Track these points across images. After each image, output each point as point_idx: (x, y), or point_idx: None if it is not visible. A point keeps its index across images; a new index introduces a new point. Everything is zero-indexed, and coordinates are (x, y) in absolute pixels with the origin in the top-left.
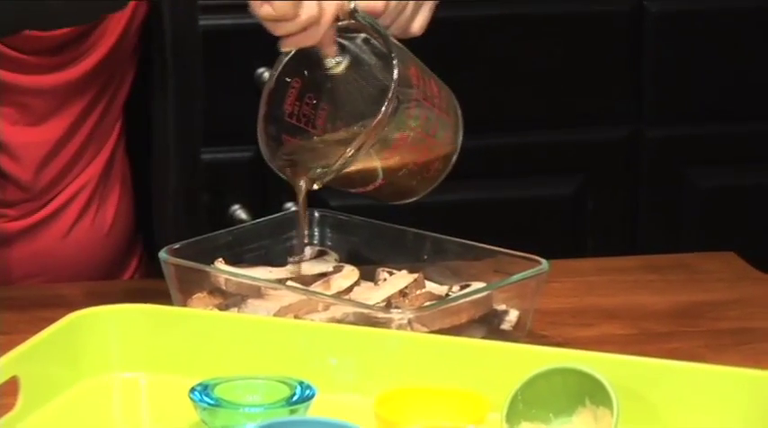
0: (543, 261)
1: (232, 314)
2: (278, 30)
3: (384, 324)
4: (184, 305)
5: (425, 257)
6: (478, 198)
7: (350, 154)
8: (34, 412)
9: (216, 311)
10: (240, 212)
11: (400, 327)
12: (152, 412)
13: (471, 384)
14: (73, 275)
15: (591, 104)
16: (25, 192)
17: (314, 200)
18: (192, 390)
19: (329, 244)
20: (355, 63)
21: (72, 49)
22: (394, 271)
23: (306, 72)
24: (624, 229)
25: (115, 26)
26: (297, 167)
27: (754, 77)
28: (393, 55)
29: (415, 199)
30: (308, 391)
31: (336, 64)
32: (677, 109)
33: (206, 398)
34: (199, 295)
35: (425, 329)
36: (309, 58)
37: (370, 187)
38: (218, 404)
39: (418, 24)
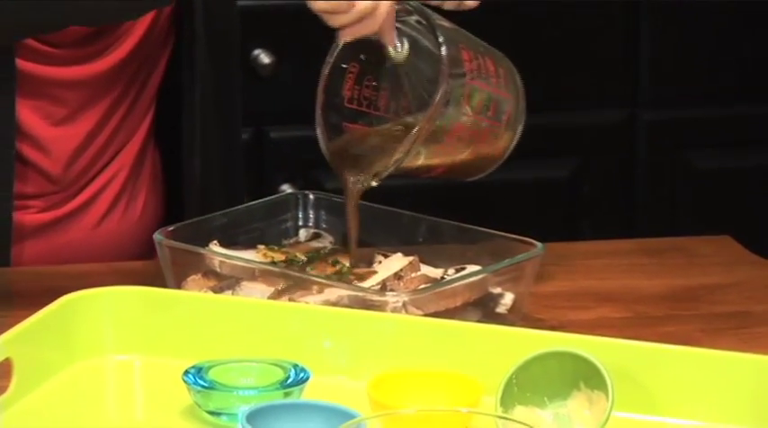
0: (539, 244)
1: (226, 296)
2: (334, 21)
3: (379, 307)
4: (179, 287)
5: (420, 240)
6: (474, 181)
7: (402, 153)
8: (27, 394)
9: (210, 293)
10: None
11: (395, 310)
12: (146, 394)
13: (466, 367)
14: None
15: (586, 87)
16: (54, 185)
17: (309, 181)
18: (186, 373)
19: (324, 226)
20: (411, 45)
21: (102, 39)
22: (389, 253)
23: (362, 56)
24: (620, 213)
25: (145, 15)
26: (352, 164)
27: (749, 59)
28: (441, 42)
29: (483, 175)
30: (302, 374)
31: (398, 52)
32: (673, 92)
33: (200, 381)
34: (193, 277)
35: (420, 312)
36: (364, 41)
37: (432, 173)
38: (211, 386)
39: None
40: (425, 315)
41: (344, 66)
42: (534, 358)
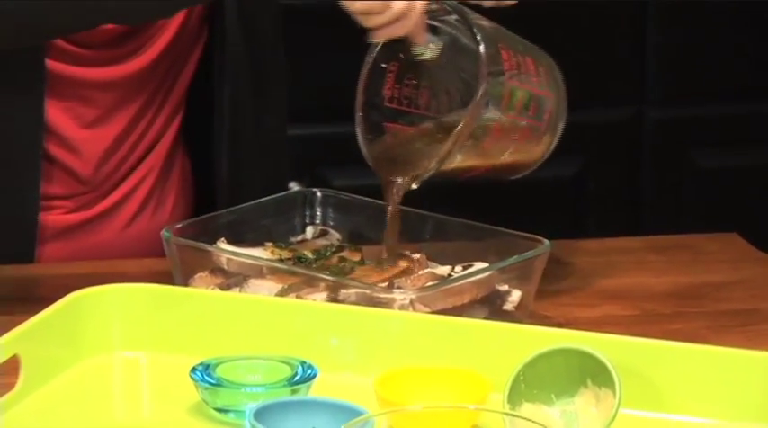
0: (546, 241)
1: (234, 293)
2: (369, 22)
3: (386, 304)
4: (186, 284)
5: (428, 237)
6: (481, 178)
7: (443, 155)
8: (35, 391)
9: (217, 291)
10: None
11: (402, 307)
12: (153, 391)
13: (473, 364)
14: None
15: (593, 85)
16: (84, 186)
17: (316, 179)
18: (194, 370)
19: (331, 223)
20: (451, 44)
21: (133, 40)
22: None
23: (401, 54)
24: (626, 210)
25: (177, 15)
26: (392, 166)
27: (756, 58)
28: (479, 40)
29: (525, 173)
30: (309, 371)
31: (428, 50)
32: (679, 90)
33: (207, 378)
34: (201, 274)
35: (427, 309)
36: (403, 40)
37: (473, 174)
38: (219, 383)
39: None
40: (432, 312)
41: (384, 65)
42: (541, 355)
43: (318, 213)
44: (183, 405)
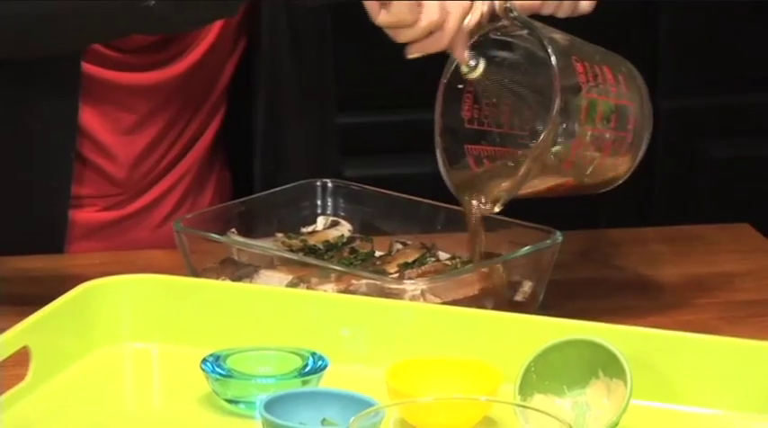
0: (557, 232)
1: (244, 284)
2: (399, 37)
3: (397, 294)
4: (197, 275)
5: (439, 228)
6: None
7: (520, 177)
8: (45, 382)
9: (228, 282)
10: None
11: (413, 298)
12: (163, 382)
13: (484, 355)
14: None
15: None
16: (118, 188)
17: (328, 170)
18: (204, 361)
19: (342, 214)
20: (528, 57)
21: (171, 47)
22: (407, 241)
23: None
24: (638, 201)
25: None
26: (473, 189)
27: None
28: (551, 54)
29: (615, 185)
30: (320, 362)
31: (471, 69)
32: (692, 80)
33: (218, 369)
34: (212, 265)
35: (438, 300)
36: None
37: (561, 190)
38: (230, 375)
39: (587, 2)
40: (443, 303)
41: (461, 86)
42: (553, 346)
43: (330, 204)
44: (194, 397)
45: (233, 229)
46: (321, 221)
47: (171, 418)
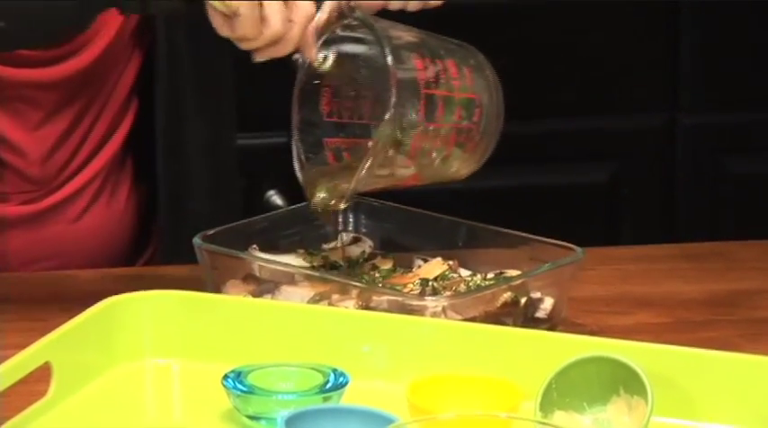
0: (578, 249)
1: (266, 300)
2: (245, 46)
3: (418, 311)
4: (218, 291)
5: (460, 244)
6: (513, 185)
7: (359, 175)
8: (66, 398)
9: (249, 298)
10: (276, 198)
11: (434, 315)
12: (185, 398)
13: (505, 372)
14: (86, 259)
15: (626, 91)
16: (32, 184)
17: None
18: (225, 377)
19: (363, 230)
20: (374, 54)
21: (72, 40)
22: (428, 258)
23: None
24: (660, 217)
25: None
26: (328, 184)
27: None
28: (388, 59)
29: (466, 176)
30: (341, 378)
31: (321, 62)
32: (713, 96)
33: (239, 385)
34: (233, 281)
35: (459, 317)
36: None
37: (409, 183)
38: (251, 391)
39: None
40: (464, 319)
41: (317, 81)
42: (574, 363)
43: (351, 220)
44: (215, 413)
45: (254, 245)
46: (342, 238)
47: None
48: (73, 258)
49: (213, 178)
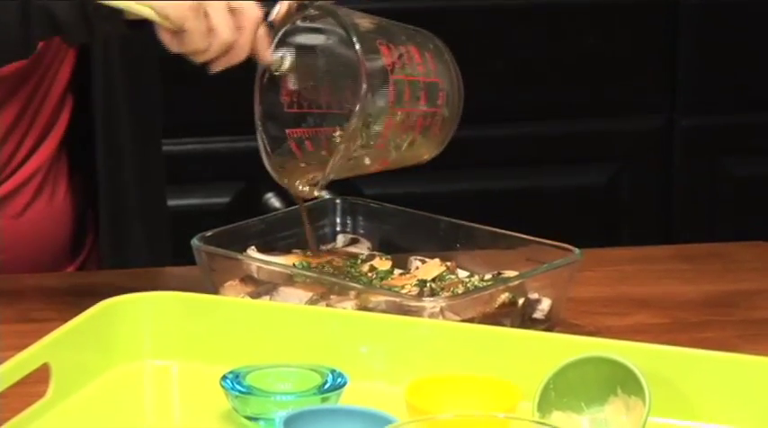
0: (576, 250)
1: (264, 302)
2: (199, 59)
3: (416, 312)
4: (216, 292)
5: (458, 245)
6: (511, 186)
7: (333, 164)
8: (65, 399)
9: (248, 299)
10: (274, 200)
11: (432, 315)
12: (183, 400)
13: (503, 372)
14: (31, 254)
15: (625, 93)
16: None
17: (347, 187)
18: (224, 378)
19: (361, 232)
20: (337, 43)
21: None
22: (426, 259)
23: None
24: (658, 219)
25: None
26: (295, 173)
27: None
28: (356, 47)
29: (428, 160)
30: (339, 379)
31: (278, 65)
32: (711, 98)
33: (237, 386)
34: (231, 282)
35: (457, 317)
36: (290, 46)
37: (379, 168)
38: (249, 392)
39: None
40: (462, 320)
41: (276, 73)
42: (571, 363)
43: (349, 221)
44: (214, 414)
45: (252, 246)
46: (341, 239)
47: None
48: (16, 254)
49: (143, 175)
